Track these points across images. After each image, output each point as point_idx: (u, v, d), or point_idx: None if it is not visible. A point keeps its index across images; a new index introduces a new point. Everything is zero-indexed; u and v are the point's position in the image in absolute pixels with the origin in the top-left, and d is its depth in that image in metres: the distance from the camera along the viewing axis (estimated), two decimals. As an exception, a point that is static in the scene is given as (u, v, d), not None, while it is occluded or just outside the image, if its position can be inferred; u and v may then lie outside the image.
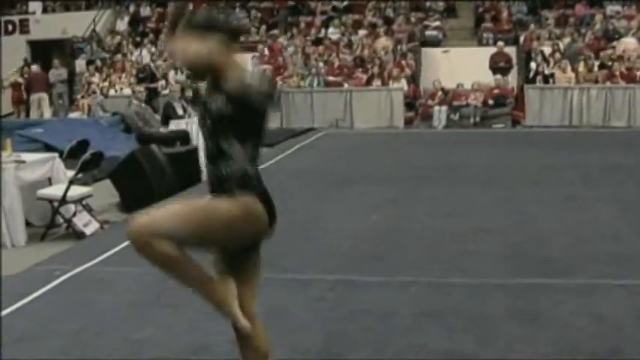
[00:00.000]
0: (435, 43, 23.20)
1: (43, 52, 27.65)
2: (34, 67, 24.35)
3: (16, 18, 29.44)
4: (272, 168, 13.00)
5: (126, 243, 7.86)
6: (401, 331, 5.32)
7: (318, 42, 23.68)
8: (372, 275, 6.66)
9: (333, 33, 24.25)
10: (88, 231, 8.85)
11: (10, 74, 24.12)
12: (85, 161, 9.11)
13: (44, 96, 23.23)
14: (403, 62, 21.51)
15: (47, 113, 22.71)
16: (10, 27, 29.26)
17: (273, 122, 20.34)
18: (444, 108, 19.97)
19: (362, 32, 23.70)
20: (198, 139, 13.21)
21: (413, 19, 24.36)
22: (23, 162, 8.95)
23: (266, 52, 23.42)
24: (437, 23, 23.90)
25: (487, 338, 5.17)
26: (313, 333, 5.28)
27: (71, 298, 6.27)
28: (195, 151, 12.14)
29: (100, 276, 6.88)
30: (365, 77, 21.13)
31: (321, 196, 10.51)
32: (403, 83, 20.74)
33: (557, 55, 20.72)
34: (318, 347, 5.04)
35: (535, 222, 8.82)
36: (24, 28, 29.06)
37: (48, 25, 28.15)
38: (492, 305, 5.86)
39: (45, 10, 29.30)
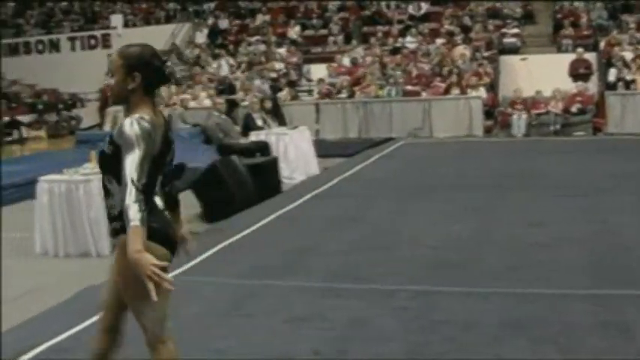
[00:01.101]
0: (513, 50, 22.96)
1: (125, 65, 28.15)
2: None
3: (98, 33, 30.11)
4: (351, 178, 13.03)
5: (208, 253, 8.01)
6: (484, 341, 5.25)
7: (395, 51, 23.65)
8: (453, 285, 6.59)
9: (410, 42, 24.20)
10: (170, 241, 8.95)
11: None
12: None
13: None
14: (481, 70, 21.31)
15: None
16: (92, 42, 29.94)
17: (352, 132, 20.42)
18: (524, 116, 19.72)
19: (439, 41, 23.59)
20: (278, 150, 13.33)
21: (491, 27, 24.16)
22: (108, 173, 9.11)
23: (344, 62, 23.47)
24: (515, 30, 23.65)
25: (572, 350, 5.07)
26: (396, 343, 5.25)
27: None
28: (275, 162, 12.24)
29: (182, 285, 6.90)
30: (443, 86, 20.99)
31: (401, 206, 10.46)
32: (482, 91, 20.55)
33: (639, 61, 20.29)
34: (400, 357, 5.01)
35: (619, 231, 8.63)
36: (106, 42, 29.72)
37: (129, 39, 28.43)
38: (577, 316, 5.75)
39: (126, 25, 29.86)
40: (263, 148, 13.10)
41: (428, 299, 6.25)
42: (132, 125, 3.52)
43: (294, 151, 13.86)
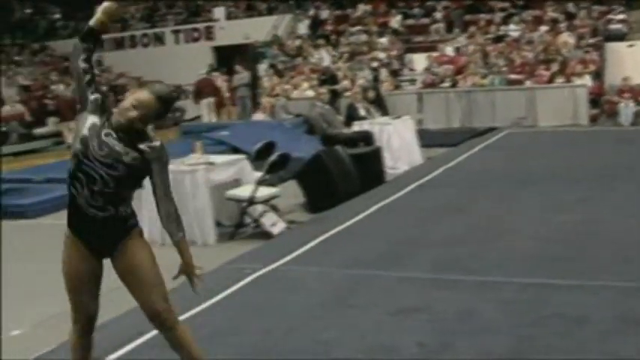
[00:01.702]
0: (619, 37, 22.24)
1: (227, 57, 28.52)
2: (215, 74, 25.09)
3: (201, 25, 30.51)
4: (455, 168, 12.88)
5: (312, 243, 8.02)
6: (595, 337, 5.09)
7: (498, 40, 23.28)
8: (562, 278, 6.42)
9: (513, 30, 23.76)
10: (275, 231, 9.01)
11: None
12: (272, 162, 9.29)
13: (213, 100, 23.93)
14: (587, 58, 20.81)
15: (213, 118, 23.42)
16: (195, 34, 30.36)
17: (454, 122, 20.22)
18: (631, 104, 19.16)
19: (543, 28, 23.06)
20: (381, 140, 13.28)
21: (595, 13, 23.53)
22: (213, 164, 9.24)
23: (447, 51, 23.25)
24: (621, 16, 22.93)
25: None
26: (504, 336, 5.14)
27: (261, 297, 6.39)
28: (378, 151, 12.19)
29: (288, 275, 6.97)
30: (547, 74, 20.56)
31: (506, 197, 10.28)
32: (587, 79, 20.06)
33: None
34: (509, 351, 4.90)
35: None
36: (209, 34, 30.10)
37: (231, 31, 29.02)
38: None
39: (229, 17, 30.18)
40: (366, 137, 13.07)
41: (536, 292, 6.10)
42: (164, 147, 4.12)
43: (398, 141, 13.80)
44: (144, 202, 9.19)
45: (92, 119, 3.93)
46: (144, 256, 4.20)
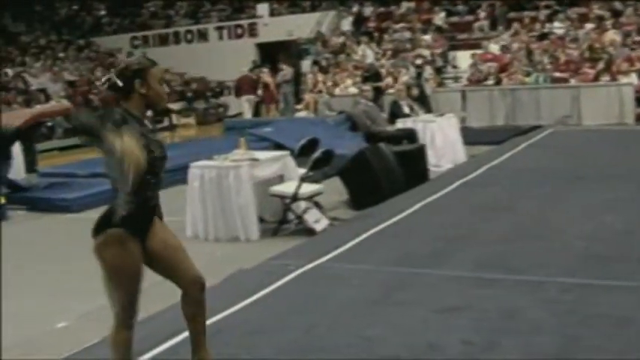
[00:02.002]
0: (666, 34, 22.01)
1: (270, 54, 28.62)
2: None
3: (245, 22, 30.64)
4: (499, 166, 12.79)
5: (356, 240, 8.02)
6: (642, 338, 5.05)
7: (542, 37, 23.07)
8: (608, 279, 6.34)
9: (558, 27, 23.55)
10: (318, 227, 9.02)
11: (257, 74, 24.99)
12: (316, 159, 9.30)
13: (252, 98, 24.05)
14: (633, 56, 20.55)
15: (249, 115, 23.58)
16: (239, 31, 30.49)
17: (498, 120, 20.11)
18: (678, 103, 18.91)
19: (588, 26, 22.79)
20: (425, 138, 13.25)
21: (642, 10, 23.25)
22: (257, 160, 9.27)
23: (491, 49, 23.10)
24: (668, 13, 22.68)
25: None
26: (548, 336, 5.09)
27: (305, 293, 6.40)
28: (422, 149, 12.15)
29: (331, 272, 6.98)
30: (593, 72, 20.34)
31: (551, 195, 10.19)
32: (633, 78, 19.80)
33: None
34: (554, 351, 4.85)
35: None
36: (252, 31, 30.23)
37: (275, 28, 29.12)
38: None
39: (272, 14, 30.26)
40: (410, 135, 13.06)
41: (582, 292, 6.04)
42: None
43: (442, 139, 13.76)
44: (188, 199, 9.29)
45: (131, 127, 3.94)
46: (167, 227, 4.33)
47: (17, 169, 13.57)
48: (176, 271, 4.32)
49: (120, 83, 4.07)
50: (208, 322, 5.35)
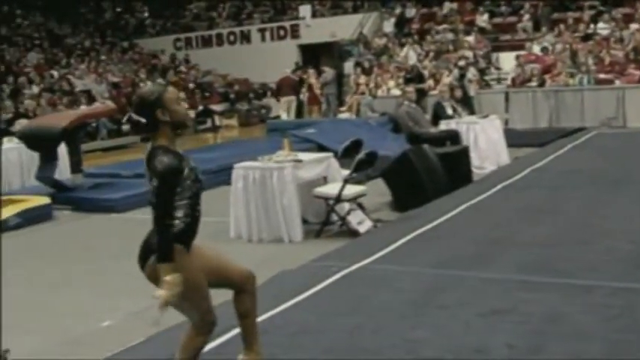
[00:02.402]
0: None
1: (313, 55, 28.65)
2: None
3: (287, 24, 30.71)
4: (543, 168, 12.69)
5: (399, 242, 8.00)
6: (693, 345, 4.97)
7: (587, 38, 22.84)
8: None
9: (602, 28, 23.28)
10: (361, 229, 9.01)
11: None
12: (360, 160, 9.29)
13: (293, 99, 24.12)
14: (680, 57, 20.30)
15: (292, 116, 23.64)
16: (282, 32, 30.56)
17: (542, 122, 19.94)
18: None
19: (634, 26, 22.47)
20: (468, 139, 13.20)
21: (689, 11, 22.93)
22: (300, 161, 9.28)
23: (534, 50, 22.93)
24: None
25: None
26: (595, 341, 5.02)
27: (348, 294, 6.40)
28: (466, 151, 12.10)
29: (375, 274, 6.96)
30: (638, 74, 20.09)
31: (596, 198, 10.09)
32: (680, 79, 19.56)
33: None
34: (600, 357, 4.78)
35: None
36: (295, 32, 30.28)
37: (317, 29, 29.15)
38: None
39: (314, 15, 30.28)
40: (453, 136, 13.01)
41: (629, 297, 5.95)
42: None
43: (485, 141, 13.69)
44: (232, 200, 9.33)
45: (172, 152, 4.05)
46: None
47: (62, 170, 13.75)
48: (227, 272, 4.39)
49: (143, 120, 4.07)
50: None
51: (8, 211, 11.18)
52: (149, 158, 4.00)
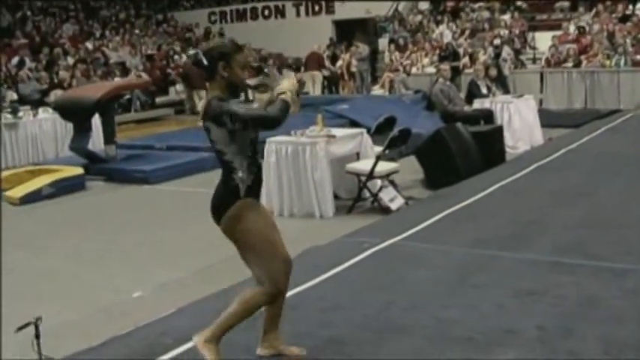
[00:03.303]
0: None
1: (348, 31, 28.51)
2: (315, 47, 25.22)
3: (322, -1, 30.54)
4: (577, 150, 12.55)
5: (431, 220, 7.96)
6: None
7: (624, 19, 22.54)
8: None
9: (641, 9, 23.01)
10: (393, 206, 8.99)
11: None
12: (393, 137, 9.25)
13: (317, 74, 24.10)
14: None
15: (317, 91, 23.71)
16: (316, 8, 30.40)
17: (577, 103, 19.74)
18: None
19: (674, 7, 22.26)
20: (502, 119, 13.10)
21: None
22: (334, 137, 9.26)
23: (571, 30, 22.67)
24: None
25: None
26: (628, 326, 4.95)
27: (380, 271, 6.38)
28: (499, 130, 12.01)
29: (407, 251, 6.94)
30: (676, 56, 19.85)
31: (631, 182, 9.94)
32: None
33: None
34: (633, 342, 4.72)
35: None
36: (329, 8, 30.09)
37: (352, 6, 28.93)
38: None
39: (349, -9, 30.10)
40: (487, 116, 12.92)
41: (665, 282, 5.91)
42: None
43: (519, 120, 13.58)
44: (264, 174, 9.32)
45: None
46: None
47: (96, 141, 13.82)
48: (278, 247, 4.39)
49: (205, 62, 4.18)
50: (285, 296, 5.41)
51: (42, 181, 11.28)
52: (206, 110, 4.13)
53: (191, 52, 4.11)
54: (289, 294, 5.57)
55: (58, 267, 7.63)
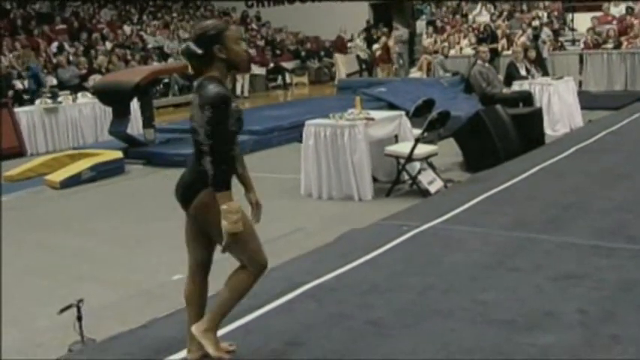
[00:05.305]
0: None
1: (385, 13, 28.39)
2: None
3: (360, -18, 30.41)
4: (617, 132, 12.42)
5: (470, 203, 7.93)
6: None
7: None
8: None
9: (684, -10, 22.66)
10: (432, 189, 8.97)
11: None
12: (432, 120, 9.22)
13: (339, 56, 24.43)
14: None
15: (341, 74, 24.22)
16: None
17: (617, 84, 19.53)
18: None
19: None
20: (541, 101, 13.00)
21: None
22: (372, 119, 9.25)
23: (611, 11, 22.41)
24: None
25: None
26: (668, 309, 4.93)
27: (419, 254, 6.36)
28: (539, 112, 11.92)
29: (445, 234, 6.91)
30: None
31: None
32: None
33: None
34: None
35: None
36: (366, -8, 29.96)
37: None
38: None
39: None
40: (526, 98, 12.82)
41: None
42: None
43: (558, 103, 13.48)
44: (303, 157, 9.35)
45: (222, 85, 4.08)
46: None
47: (135, 125, 13.92)
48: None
49: (199, 51, 4.05)
50: (320, 280, 5.43)
51: (82, 165, 11.40)
52: (198, 88, 4.00)
53: (181, 47, 3.99)
54: (328, 276, 5.62)
55: (97, 249, 7.71)
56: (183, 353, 4.38)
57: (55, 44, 22.70)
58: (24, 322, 5.81)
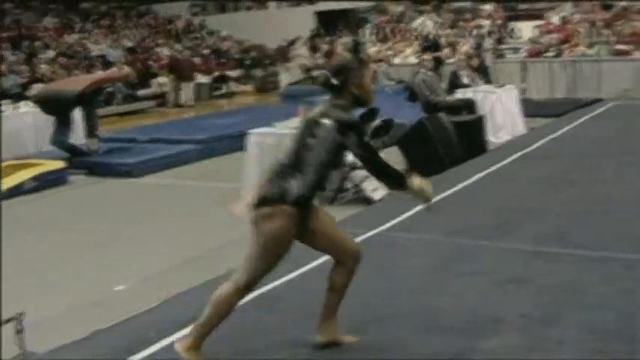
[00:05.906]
0: None
1: (329, 22, 28.51)
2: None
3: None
4: (559, 139, 12.63)
5: (414, 210, 7.95)
6: None
7: (606, 8, 22.63)
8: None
9: (622, -1, 23.10)
10: (376, 196, 8.99)
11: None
12: (376, 127, 9.21)
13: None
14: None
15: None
16: (298, -2, 30.45)
17: (559, 92, 19.81)
18: None
19: (654, -3, 22.35)
20: (484, 108, 13.12)
21: None
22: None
23: (553, 20, 22.75)
24: None
25: None
26: (610, 313, 4.99)
27: (364, 261, 6.31)
28: (481, 120, 12.03)
29: (391, 241, 6.95)
30: (658, 45, 19.94)
31: (612, 169, 10.01)
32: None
33: None
34: (615, 328, 4.76)
35: None
36: (311, -1, 30.11)
37: (340, -2, 28.96)
38: None
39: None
40: (469, 105, 12.92)
41: (644, 269, 5.94)
42: None
43: (501, 110, 13.62)
44: (246, 166, 9.32)
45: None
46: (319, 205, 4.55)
47: (78, 134, 13.76)
48: (338, 243, 4.52)
49: (335, 82, 4.22)
50: (267, 287, 5.41)
51: (24, 175, 11.22)
52: (325, 114, 4.23)
53: (317, 73, 4.17)
54: (276, 283, 5.60)
55: (39, 260, 7.59)
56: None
57: (-5, 52, 22.41)
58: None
